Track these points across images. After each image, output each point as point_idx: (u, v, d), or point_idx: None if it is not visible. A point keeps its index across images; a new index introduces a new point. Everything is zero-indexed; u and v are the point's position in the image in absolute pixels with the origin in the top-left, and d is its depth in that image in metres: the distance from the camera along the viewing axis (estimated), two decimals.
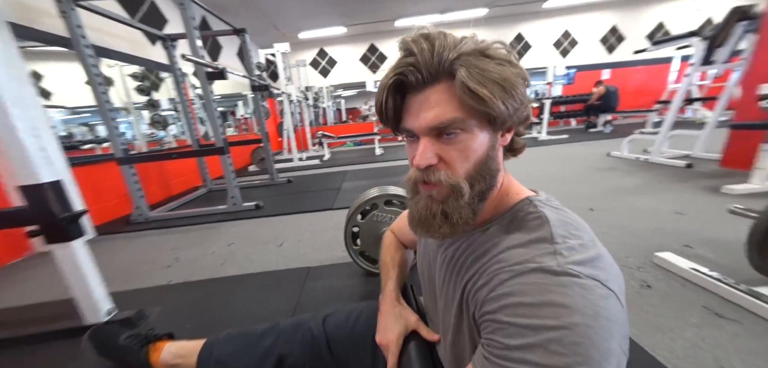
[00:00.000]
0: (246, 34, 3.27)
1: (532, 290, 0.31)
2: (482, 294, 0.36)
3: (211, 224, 2.43)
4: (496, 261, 0.37)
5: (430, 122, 0.37)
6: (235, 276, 1.57)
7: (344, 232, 1.35)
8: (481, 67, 0.34)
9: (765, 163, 2.06)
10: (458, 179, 0.38)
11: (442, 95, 0.36)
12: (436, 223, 0.40)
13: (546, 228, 0.36)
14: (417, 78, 0.36)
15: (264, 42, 7.38)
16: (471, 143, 0.37)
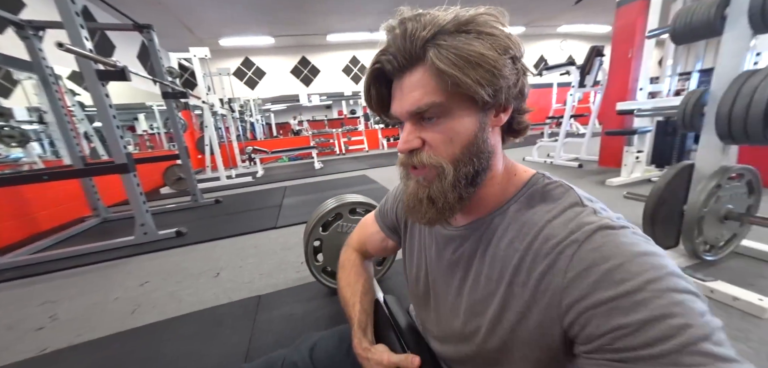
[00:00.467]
0: (152, 32, 2.74)
1: (611, 250, 0.29)
2: (556, 280, 0.32)
3: (110, 263, 1.87)
4: (544, 239, 0.34)
5: (408, 107, 0.36)
6: (155, 324, 1.22)
7: (304, 247, 1.20)
8: (454, 46, 0.31)
9: (628, 160, 2.73)
10: (441, 160, 0.36)
11: (419, 79, 0.34)
12: (422, 208, 0.39)
13: (572, 194, 0.37)
14: (393, 65, 0.35)
15: (176, 46, 6.39)
16: (454, 125, 0.35)
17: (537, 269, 0.34)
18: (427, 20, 0.33)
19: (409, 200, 0.41)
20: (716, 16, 1.11)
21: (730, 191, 1.22)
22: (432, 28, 0.32)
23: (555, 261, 0.32)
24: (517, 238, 0.37)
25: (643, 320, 0.26)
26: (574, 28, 9.29)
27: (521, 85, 0.36)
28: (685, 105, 1.23)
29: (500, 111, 0.37)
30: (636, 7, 2.97)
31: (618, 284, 0.27)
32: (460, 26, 0.32)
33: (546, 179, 0.40)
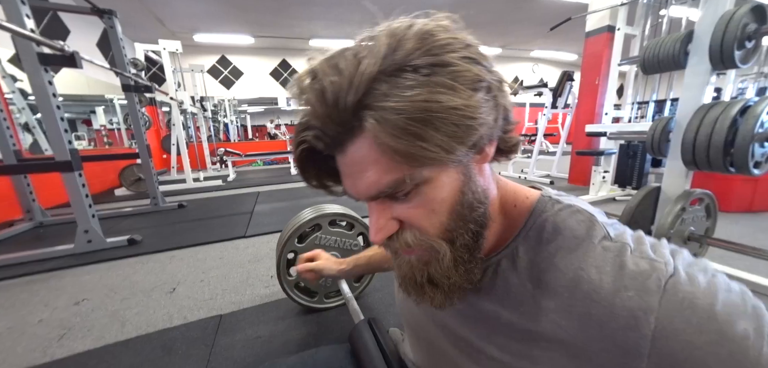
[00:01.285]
0: (115, 18, 2.50)
1: (685, 316, 0.22)
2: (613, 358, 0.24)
3: (38, 276, 1.61)
4: (586, 298, 0.25)
5: (366, 192, 0.27)
6: (86, 353, 1.03)
7: (277, 260, 1.09)
8: (399, 106, 0.22)
9: (596, 179, 2.89)
10: (430, 240, 0.28)
11: (366, 154, 0.25)
12: (427, 294, 0.31)
13: (595, 225, 0.28)
14: (326, 142, 0.26)
15: (145, 37, 5.96)
16: (432, 193, 0.26)
17: (603, 340, 0.25)
18: (350, 66, 0.23)
19: (407, 283, 0.32)
20: (680, 51, 1.19)
21: (692, 214, 1.29)
22: (360, 82, 0.22)
23: (630, 326, 0.23)
24: (542, 293, 0.28)
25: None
26: (546, 53, 9.97)
27: (504, 110, 0.28)
28: (653, 131, 1.30)
29: (483, 149, 0.28)
30: (603, 39, 3.21)
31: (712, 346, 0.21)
32: (398, 67, 0.22)
33: (556, 203, 0.31)
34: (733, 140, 1.00)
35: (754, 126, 0.97)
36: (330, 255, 0.85)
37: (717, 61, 1.07)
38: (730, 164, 1.05)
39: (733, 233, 1.96)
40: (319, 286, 1.18)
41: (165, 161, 5.79)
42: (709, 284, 0.23)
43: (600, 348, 0.25)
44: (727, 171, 1.06)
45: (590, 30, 3.35)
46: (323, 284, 1.18)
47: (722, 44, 1.03)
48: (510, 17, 6.64)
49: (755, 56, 1.07)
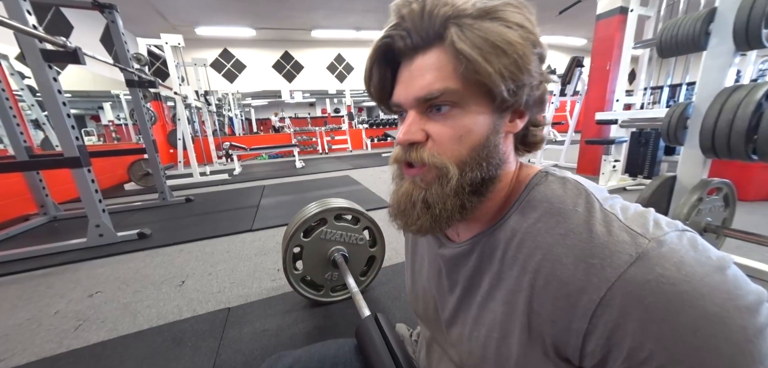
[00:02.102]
0: (116, 13, 2.49)
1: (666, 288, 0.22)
2: (578, 324, 0.26)
3: (53, 269, 1.65)
4: (557, 262, 0.27)
5: (417, 92, 0.31)
6: (101, 344, 1.06)
7: (283, 254, 1.09)
8: (480, 28, 0.27)
9: (606, 169, 2.82)
10: (445, 160, 0.31)
11: (434, 61, 0.29)
12: (415, 213, 0.33)
13: (584, 194, 0.29)
14: (406, 43, 0.30)
15: (147, 32, 5.97)
16: (466, 121, 0.30)
17: (552, 304, 0.28)
18: (444, 2, 0.28)
19: (400, 201, 0.35)
20: (701, 31, 1.13)
21: (709, 204, 1.24)
22: (454, 7, 0.28)
23: (577, 299, 0.26)
24: (529, 258, 0.30)
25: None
26: (554, 39, 9.67)
27: (542, 91, 0.32)
28: (670, 117, 1.25)
29: (516, 116, 0.32)
30: (614, 21, 3.09)
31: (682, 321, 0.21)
32: (485, 13, 0.27)
33: (550, 176, 0.33)
34: (758, 125, 0.95)
35: None
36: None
37: (742, 41, 1.01)
38: (753, 151, 1.00)
39: (751, 223, 1.90)
40: (325, 280, 1.18)
41: (172, 155, 5.86)
42: (696, 265, 0.22)
43: (555, 307, 0.27)
44: (750, 159, 1.01)
45: (601, 12, 3.22)
46: (329, 278, 1.18)
47: (748, 22, 0.97)
48: None
49: None
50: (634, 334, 0.23)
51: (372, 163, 5.35)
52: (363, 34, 8.01)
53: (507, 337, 0.32)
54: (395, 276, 1.39)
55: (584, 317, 0.25)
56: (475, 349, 0.35)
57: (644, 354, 0.22)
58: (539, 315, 0.29)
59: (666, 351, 0.22)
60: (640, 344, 0.22)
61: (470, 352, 0.36)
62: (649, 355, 0.22)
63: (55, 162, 1.84)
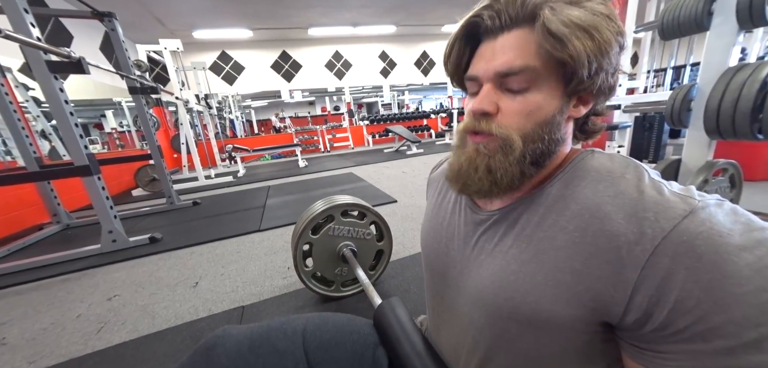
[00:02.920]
0: (116, 21, 2.51)
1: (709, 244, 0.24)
2: (627, 273, 0.27)
3: (72, 275, 1.70)
4: (604, 219, 0.29)
5: (498, 67, 0.33)
6: (123, 345, 1.10)
7: (293, 252, 1.11)
8: (570, 12, 0.29)
9: None
10: (511, 131, 0.33)
11: (518, 41, 0.32)
12: (476, 176, 0.36)
13: (634, 166, 0.31)
14: (494, 22, 0.32)
15: (145, 38, 5.99)
16: (537, 99, 0.32)
17: (597, 259, 0.29)
18: None
19: (463, 164, 0.37)
20: (703, 11, 1.12)
21: (715, 185, 1.25)
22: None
23: (629, 250, 0.27)
24: (571, 220, 0.32)
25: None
26: None
27: (615, 81, 0.33)
28: (673, 100, 1.25)
29: (581, 103, 0.35)
30: (616, 4, 3.05)
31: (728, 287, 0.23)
32: (574, 1, 0.30)
33: (596, 152, 0.35)
34: (763, 104, 0.96)
35: None
36: None
37: (745, 19, 1.01)
38: (759, 130, 1.01)
39: (759, 203, 1.90)
40: (336, 275, 1.20)
41: (176, 160, 5.91)
42: (741, 224, 0.24)
43: (602, 261, 0.28)
44: (755, 138, 1.01)
45: None
46: (339, 273, 1.20)
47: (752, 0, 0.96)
48: None
49: None
50: (683, 283, 0.24)
51: (374, 159, 5.36)
52: (360, 30, 7.96)
53: (528, 287, 0.33)
54: (403, 270, 1.41)
55: (636, 268, 0.26)
56: (487, 294, 0.37)
57: (692, 302, 0.24)
58: (580, 273, 0.30)
59: (711, 297, 0.23)
60: (688, 292, 0.24)
61: (481, 297, 0.38)
62: (696, 303, 0.24)
63: (66, 171, 1.88)
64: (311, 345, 0.48)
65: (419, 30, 8.62)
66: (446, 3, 6.77)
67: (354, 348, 0.51)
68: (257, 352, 0.45)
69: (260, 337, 0.47)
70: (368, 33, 8.24)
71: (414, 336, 0.52)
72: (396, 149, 6.34)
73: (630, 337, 0.29)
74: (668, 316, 0.25)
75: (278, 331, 0.49)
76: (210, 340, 0.46)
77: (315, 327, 0.51)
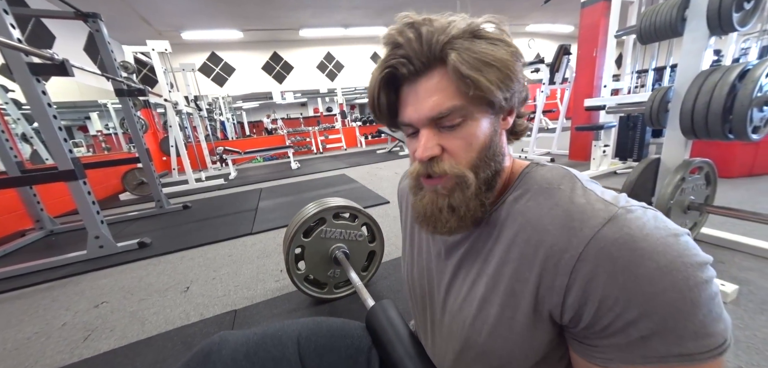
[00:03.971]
0: (101, 22, 2.46)
1: (625, 246, 0.27)
2: (560, 280, 0.30)
3: (55, 283, 1.66)
4: (544, 231, 0.32)
5: (428, 112, 0.34)
6: (111, 352, 1.09)
7: (285, 256, 1.12)
8: (473, 50, 0.31)
9: (596, 154, 2.89)
10: (463, 169, 0.35)
11: (437, 83, 0.34)
12: (442, 217, 0.37)
13: (571, 176, 0.35)
14: (409, 69, 0.34)
15: (131, 39, 5.86)
16: (473, 129, 0.35)
17: (539, 267, 0.32)
18: (440, 24, 0.33)
19: (426, 210, 0.39)
20: (677, 17, 1.18)
21: (692, 183, 1.31)
22: (449, 32, 0.32)
23: (560, 258, 0.30)
24: (518, 233, 0.35)
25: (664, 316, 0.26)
26: (541, 27, 9.75)
27: (527, 90, 0.37)
28: (652, 102, 1.30)
29: (507, 115, 0.38)
30: (599, 8, 3.14)
31: (639, 282, 0.26)
32: (473, 33, 0.33)
33: (539, 165, 0.39)
34: (732, 105, 1.01)
35: (752, 90, 0.97)
36: None
37: (715, 25, 1.06)
38: (729, 130, 1.06)
39: (734, 199, 1.99)
40: (328, 278, 1.21)
41: (165, 163, 5.80)
42: (654, 230, 0.27)
43: (543, 269, 0.32)
44: (726, 138, 1.07)
45: (586, 0, 3.27)
46: (331, 275, 1.21)
47: (720, 7, 1.02)
48: None
49: (755, 17, 1.06)
50: (604, 285, 0.27)
51: (367, 160, 5.37)
52: (351, 31, 7.97)
53: (493, 305, 0.36)
54: (395, 271, 1.43)
55: (566, 273, 0.29)
56: (466, 318, 0.39)
57: (611, 301, 0.27)
58: (527, 281, 0.33)
59: (627, 296, 0.26)
60: (608, 293, 0.27)
61: (462, 323, 0.40)
62: (615, 302, 0.27)
63: (50, 176, 1.83)
64: (306, 350, 0.50)
65: None
66: (436, 5, 6.83)
67: (348, 353, 0.53)
68: (253, 359, 0.46)
69: (256, 344, 0.48)
70: (360, 34, 8.25)
71: (406, 339, 0.54)
72: (389, 149, 6.36)
73: (569, 334, 0.33)
74: (595, 315, 0.28)
75: (274, 338, 0.50)
76: (206, 346, 0.47)
77: (310, 332, 0.52)
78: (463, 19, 0.33)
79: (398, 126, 0.40)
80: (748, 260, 1.26)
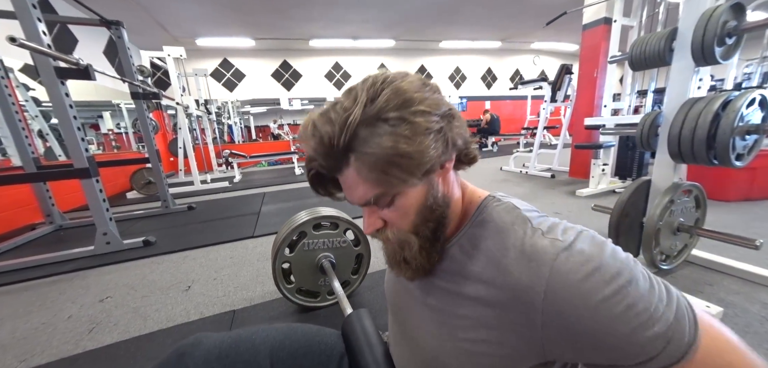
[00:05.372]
0: (122, 28, 2.60)
1: (569, 282, 0.31)
2: (531, 316, 0.33)
3: (63, 276, 1.72)
4: (505, 272, 0.35)
5: (358, 201, 0.38)
6: (114, 346, 1.13)
7: (273, 272, 1.15)
8: (371, 149, 0.32)
9: (595, 172, 2.92)
10: (403, 234, 0.40)
11: (356, 178, 0.35)
12: (401, 268, 0.43)
13: (520, 216, 0.38)
14: (327, 169, 0.36)
15: (148, 44, 6.08)
16: (405, 201, 0.37)
17: (515, 305, 0.34)
18: (340, 120, 0.32)
19: (389, 258, 0.44)
20: (665, 48, 1.23)
21: (681, 205, 1.34)
22: (346, 131, 0.32)
23: (527, 294, 0.33)
24: (487, 272, 0.37)
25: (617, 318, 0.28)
26: (546, 45, 9.87)
27: (453, 137, 0.36)
28: (642, 125, 1.35)
29: (442, 166, 0.37)
30: (600, 31, 3.22)
31: (590, 296, 0.30)
32: (375, 118, 0.32)
33: (495, 201, 0.41)
34: (715, 133, 1.05)
35: (734, 120, 1.02)
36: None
37: (699, 58, 1.12)
38: (714, 157, 1.10)
39: (726, 222, 2.00)
40: (320, 286, 1.24)
41: (172, 163, 5.93)
42: (592, 254, 0.31)
43: (510, 304, 0.34)
44: (711, 164, 1.10)
45: (587, 22, 3.35)
46: (322, 283, 1.23)
47: (703, 42, 1.07)
48: (507, 11, 6.60)
49: (737, 52, 1.11)
50: (557, 321, 0.31)
51: None
52: (360, 42, 8.16)
53: (477, 335, 0.38)
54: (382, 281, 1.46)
55: (536, 312, 0.32)
56: (428, 338, 0.43)
57: (565, 334, 0.31)
58: (515, 320, 0.35)
59: (573, 333, 0.30)
60: (562, 330, 0.31)
61: (425, 342, 0.44)
62: (570, 337, 0.31)
63: (66, 173, 1.92)
64: (279, 354, 0.52)
65: (417, 45, 8.86)
66: (443, 21, 7.00)
67: (320, 358, 0.55)
68: (225, 362, 0.48)
69: (229, 347, 0.50)
70: (368, 46, 8.44)
71: (376, 347, 0.57)
72: None
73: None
74: (555, 349, 0.33)
75: (247, 341, 0.52)
76: (181, 348, 0.49)
77: (284, 336, 0.55)
78: (362, 98, 0.32)
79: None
80: (736, 283, 1.28)
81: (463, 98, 10.04)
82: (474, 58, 10.13)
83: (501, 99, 10.42)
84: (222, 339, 0.51)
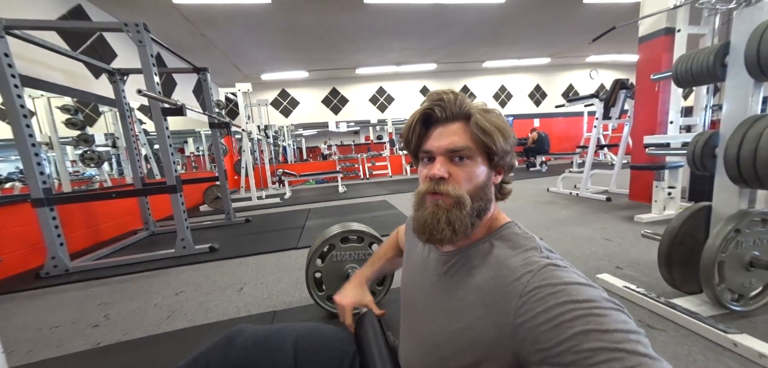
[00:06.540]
0: (207, 73, 3.21)
1: (555, 279, 0.38)
2: (513, 302, 0.40)
3: (153, 272, 2.14)
4: (508, 272, 0.43)
5: (448, 145, 0.48)
6: (184, 330, 1.39)
7: (306, 279, 1.29)
8: (488, 118, 0.48)
9: (659, 196, 2.57)
10: (463, 192, 0.47)
11: (458, 129, 0.49)
12: (439, 226, 0.47)
13: (534, 242, 0.46)
14: (442, 114, 0.49)
15: (224, 81, 7.24)
16: (474, 169, 0.48)
17: (501, 297, 0.42)
18: (466, 99, 0.49)
19: (427, 219, 0.49)
20: (715, 63, 1.13)
21: (754, 236, 1.15)
22: (470, 105, 0.49)
23: (513, 289, 0.40)
24: (490, 272, 0.45)
25: (580, 331, 0.32)
26: (604, 57, 9.04)
27: (512, 161, 0.51)
28: (694, 146, 1.22)
29: (498, 173, 0.52)
30: (660, 43, 2.92)
31: (562, 304, 0.35)
32: (486, 111, 0.49)
33: (516, 226, 0.51)
34: None
35: None
36: (354, 282, 0.88)
37: (756, 73, 1.00)
38: None
39: None
40: None
41: (235, 181, 6.81)
42: (581, 280, 0.38)
43: (500, 303, 0.41)
44: None
45: (644, 35, 3.07)
46: None
47: (759, 55, 0.97)
48: (553, 28, 6.31)
49: None
50: (532, 319, 0.37)
51: (409, 188, 5.52)
52: (402, 68, 8.52)
53: (468, 323, 0.44)
54: None
55: (518, 311, 0.39)
56: (437, 328, 0.50)
57: (537, 332, 0.36)
58: (498, 310, 0.41)
59: (543, 332, 0.35)
60: (533, 327, 0.37)
61: (433, 332, 0.50)
62: (542, 335, 0.36)
63: (160, 189, 2.42)
64: (301, 347, 0.62)
65: (459, 66, 8.89)
66: (487, 43, 6.97)
67: (336, 353, 0.65)
68: (259, 347, 0.60)
69: (263, 337, 0.62)
70: (409, 71, 8.77)
71: (383, 348, 0.65)
72: None
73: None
74: (525, 345, 0.37)
75: (277, 333, 0.63)
76: (230, 333, 0.63)
77: (306, 333, 0.65)
78: (478, 103, 0.50)
79: (417, 155, 0.54)
80: None
81: (509, 116, 9.64)
82: (520, 77, 9.75)
83: (551, 116, 9.73)
84: (258, 330, 0.64)
